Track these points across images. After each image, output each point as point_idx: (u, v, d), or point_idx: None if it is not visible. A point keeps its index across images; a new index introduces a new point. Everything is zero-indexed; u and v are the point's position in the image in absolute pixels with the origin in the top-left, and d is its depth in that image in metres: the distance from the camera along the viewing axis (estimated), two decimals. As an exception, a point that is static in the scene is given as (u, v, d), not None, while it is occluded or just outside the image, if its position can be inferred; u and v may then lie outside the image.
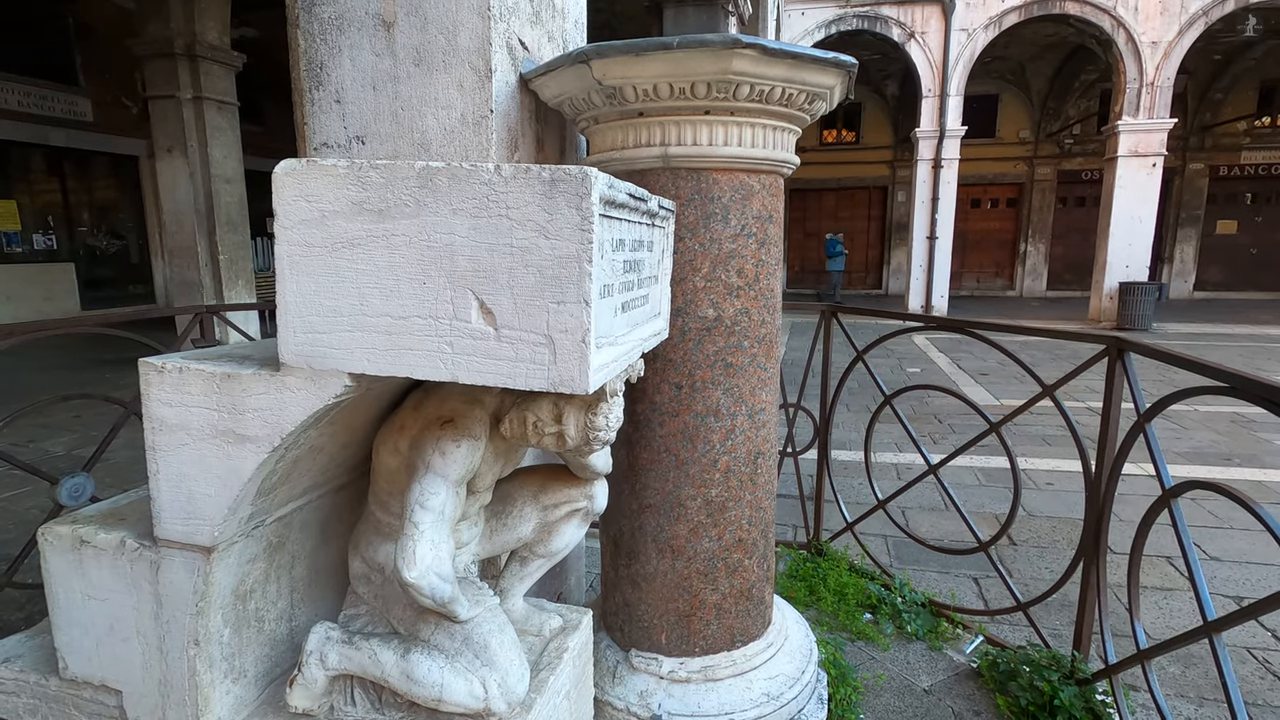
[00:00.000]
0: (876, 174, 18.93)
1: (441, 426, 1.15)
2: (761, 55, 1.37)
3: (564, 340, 0.91)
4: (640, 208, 1.16)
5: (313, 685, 1.23)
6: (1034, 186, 18.07)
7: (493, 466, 1.30)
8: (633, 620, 1.82)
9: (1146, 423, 1.72)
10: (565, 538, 1.50)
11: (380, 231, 0.94)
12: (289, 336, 0.99)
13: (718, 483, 1.69)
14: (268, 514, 1.20)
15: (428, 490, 1.11)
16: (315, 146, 1.69)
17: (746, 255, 1.62)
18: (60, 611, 1.22)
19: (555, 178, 0.88)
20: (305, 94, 1.67)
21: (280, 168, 0.95)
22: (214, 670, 1.18)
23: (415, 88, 1.60)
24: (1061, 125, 17.39)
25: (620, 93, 1.48)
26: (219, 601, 1.16)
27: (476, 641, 1.22)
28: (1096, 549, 1.95)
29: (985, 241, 18.63)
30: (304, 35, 1.64)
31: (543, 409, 1.19)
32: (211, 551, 1.10)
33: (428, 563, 1.08)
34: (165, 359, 1.07)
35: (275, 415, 1.02)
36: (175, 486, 1.09)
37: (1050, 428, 5.26)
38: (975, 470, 4.31)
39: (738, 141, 1.53)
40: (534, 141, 1.78)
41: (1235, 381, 1.36)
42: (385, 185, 0.92)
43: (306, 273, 0.97)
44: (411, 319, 0.95)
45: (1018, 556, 3.13)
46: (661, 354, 1.64)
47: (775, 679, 1.80)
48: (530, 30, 1.72)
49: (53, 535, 1.19)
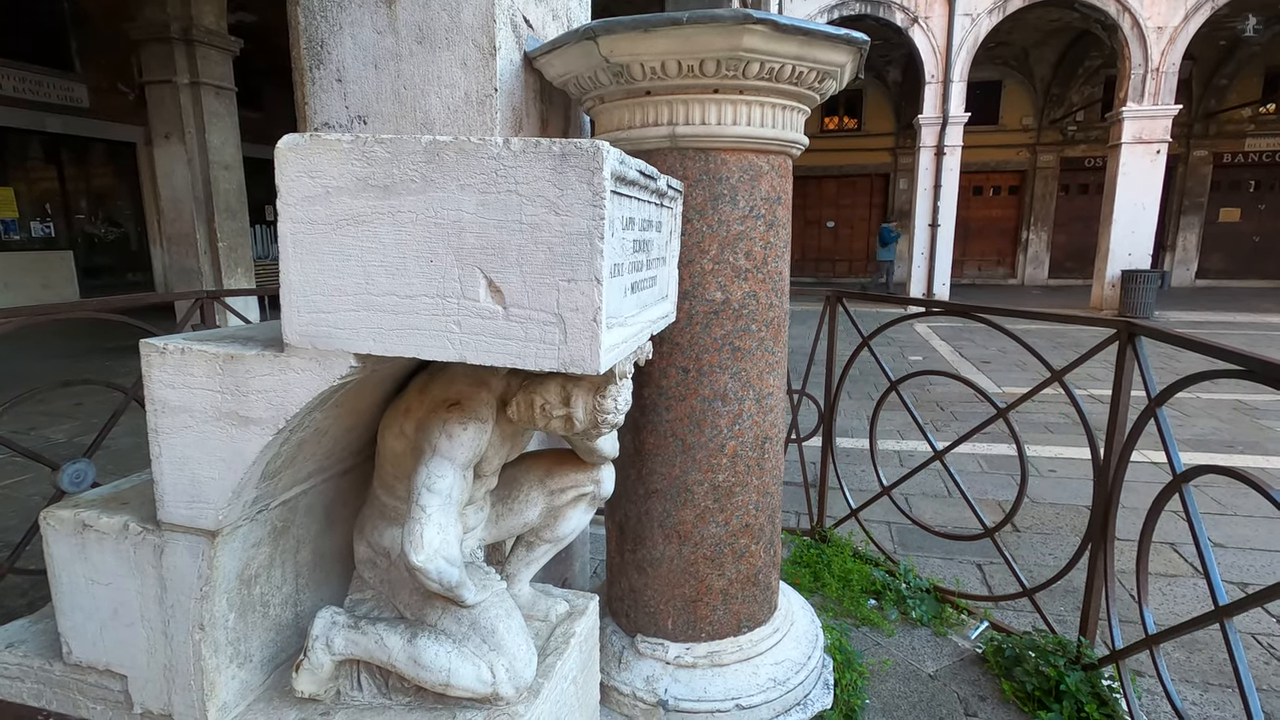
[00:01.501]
0: (879, 161, 18.81)
1: (448, 409, 1.13)
2: (773, 31, 1.34)
3: (575, 319, 0.89)
4: (650, 186, 1.14)
5: (319, 670, 1.22)
6: (1037, 174, 17.97)
7: (499, 450, 1.28)
8: (639, 606, 1.81)
9: (1159, 406, 1.70)
10: (572, 523, 1.49)
11: (386, 208, 0.91)
12: (293, 316, 0.97)
13: (725, 468, 1.68)
14: (272, 498, 1.19)
15: (434, 473, 1.09)
16: (316, 126, 1.66)
17: (755, 237, 1.60)
18: (63, 596, 1.21)
19: (566, 151, 0.85)
20: (306, 73, 1.64)
21: (283, 142, 0.93)
22: (219, 655, 1.17)
23: (418, 66, 1.57)
24: (1065, 112, 17.26)
25: (627, 70, 1.45)
26: (224, 586, 1.14)
27: (484, 626, 1.21)
28: (1104, 535, 1.94)
29: (987, 229, 18.55)
30: (304, 12, 1.61)
31: (550, 391, 1.17)
32: (216, 535, 1.09)
33: (435, 546, 1.07)
34: (168, 340, 1.05)
35: (279, 397, 1.00)
36: (178, 470, 1.07)
37: (1053, 415, 5.25)
38: (978, 457, 4.30)
39: (746, 121, 1.51)
40: (539, 121, 1.75)
41: (1252, 365, 1.34)
42: (391, 160, 0.90)
43: (310, 251, 0.95)
44: (418, 298, 0.93)
45: (1021, 543, 3.12)
46: (668, 337, 1.62)
47: (781, 664, 1.80)
48: (535, 7, 1.68)
49: (55, 520, 1.18)
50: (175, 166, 7.66)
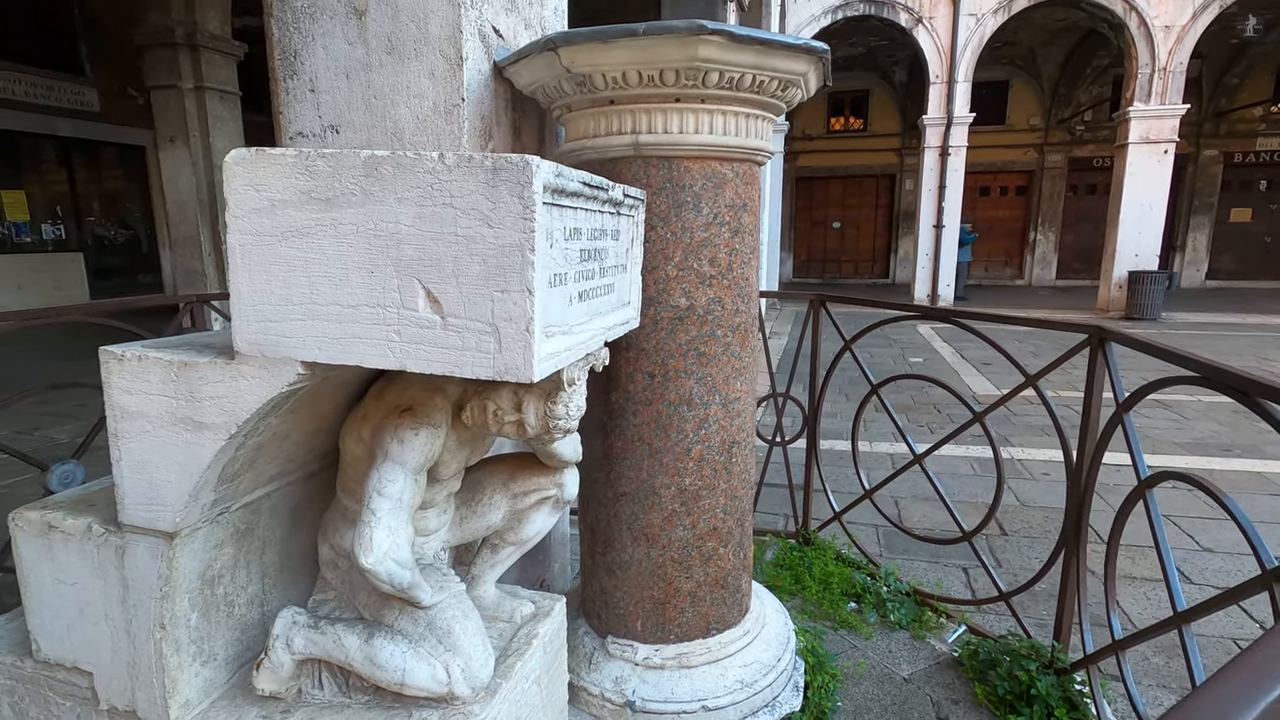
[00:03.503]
0: (884, 161, 18.76)
1: (401, 414, 1.16)
2: (729, 41, 1.36)
3: (509, 329, 0.91)
4: (599, 196, 1.16)
5: (279, 669, 1.25)
6: (1044, 174, 17.86)
7: (457, 454, 1.30)
8: (609, 607, 1.83)
9: (1125, 413, 1.70)
10: (536, 525, 1.51)
11: (328, 220, 0.94)
12: (242, 325, 1.00)
13: (691, 471, 1.70)
14: (233, 500, 1.22)
15: (385, 478, 1.12)
16: (291, 136, 1.69)
17: (719, 244, 1.62)
18: (32, 595, 1.24)
19: (497, 166, 0.88)
20: (280, 83, 1.67)
21: (230, 157, 0.96)
22: (181, 654, 1.20)
23: (387, 76, 1.60)
24: (1073, 112, 17.15)
25: (590, 80, 1.47)
26: (185, 586, 1.17)
27: (440, 627, 1.24)
28: (1078, 539, 1.94)
29: (994, 230, 18.45)
30: (278, 24, 1.64)
31: (503, 397, 1.19)
32: (174, 537, 1.12)
33: (384, 549, 1.09)
34: (125, 347, 1.08)
35: (231, 403, 1.03)
36: (137, 473, 1.10)
37: (1048, 418, 5.23)
38: (971, 460, 4.29)
39: (709, 129, 1.52)
40: (510, 130, 1.78)
41: (1206, 371, 1.35)
42: (332, 174, 0.92)
43: (258, 262, 0.98)
44: (360, 307, 0.95)
45: (1008, 546, 3.12)
46: (634, 342, 1.64)
47: (750, 666, 1.81)
48: (505, 17, 1.71)
49: (23, 520, 1.21)
50: (180, 170, 7.76)
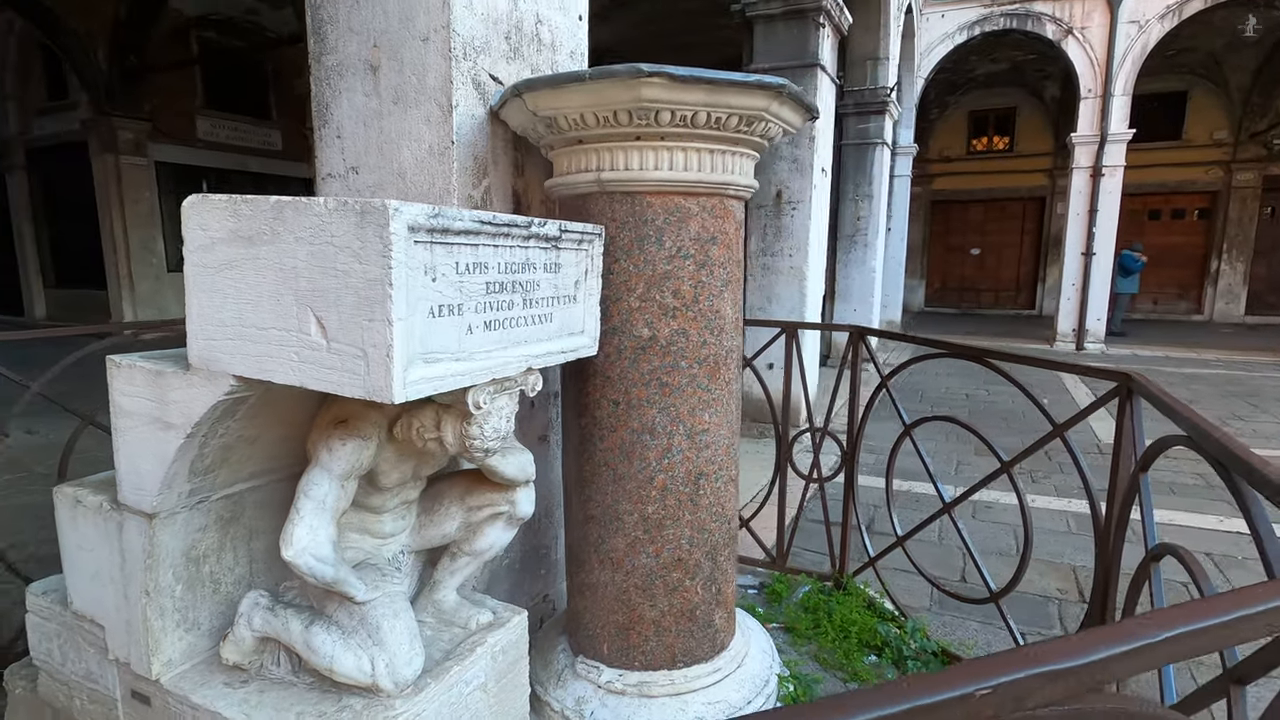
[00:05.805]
0: (1033, 183, 17.27)
1: (334, 426, 1.30)
2: (670, 82, 1.40)
3: (375, 354, 1.01)
4: (512, 232, 1.24)
5: (241, 643, 1.42)
6: (1232, 194, 15.58)
7: (398, 465, 1.43)
8: (581, 628, 1.87)
9: (1142, 473, 1.51)
10: (489, 539, 1.59)
11: (250, 255, 1.10)
12: (193, 342, 1.19)
13: (654, 499, 1.71)
14: (211, 491, 1.41)
15: (312, 481, 1.26)
16: (322, 176, 1.93)
17: (684, 276, 1.64)
18: (67, 557, 1.51)
19: (365, 209, 0.99)
20: (316, 131, 1.93)
21: (186, 202, 1.15)
22: (165, 619, 1.40)
23: (394, 123, 1.79)
24: (1270, 124, 14.87)
25: (555, 122, 1.57)
26: (168, 560, 1.38)
27: (370, 622, 1.35)
28: (1104, 610, 1.72)
29: (1166, 258, 16.30)
30: (314, 81, 1.90)
31: (425, 416, 1.30)
32: (153, 517, 1.33)
33: (304, 544, 1.23)
34: (124, 357, 1.31)
35: (187, 407, 1.22)
36: (128, 461, 1.33)
37: (1094, 467, 4.56)
38: (1014, 509, 3.86)
39: (669, 165, 1.56)
40: (511, 167, 1.91)
41: (1194, 434, 1.17)
42: (252, 216, 1.08)
43: (203, 289, 1.16)
44: (270, 330, 1.10)
45: (1048, 601, 2.78)
46: (600, 370, 1.70)
47: (715, 705, 1.78)
48: (506, 65, 1.85)
49: (61, 494, 1.49)
50: (333, 200, 8.79)
